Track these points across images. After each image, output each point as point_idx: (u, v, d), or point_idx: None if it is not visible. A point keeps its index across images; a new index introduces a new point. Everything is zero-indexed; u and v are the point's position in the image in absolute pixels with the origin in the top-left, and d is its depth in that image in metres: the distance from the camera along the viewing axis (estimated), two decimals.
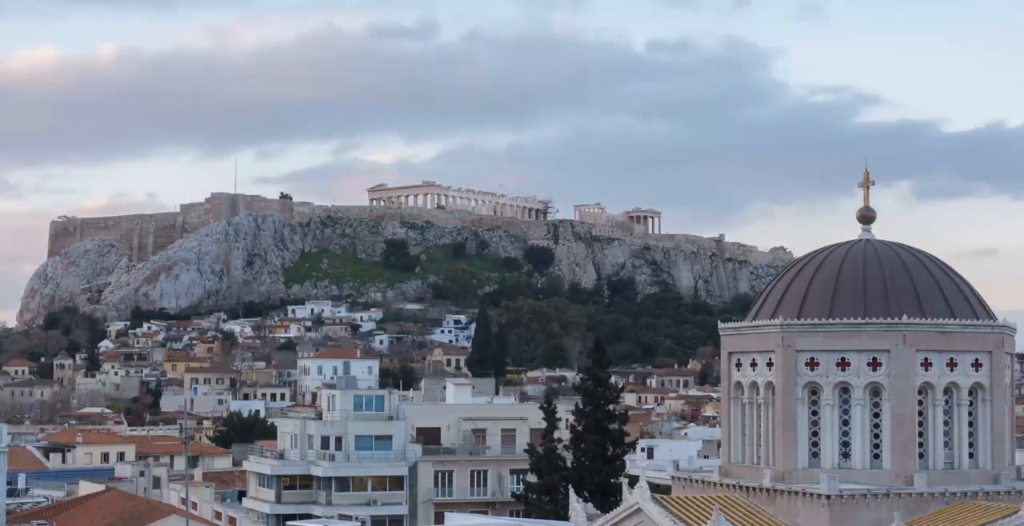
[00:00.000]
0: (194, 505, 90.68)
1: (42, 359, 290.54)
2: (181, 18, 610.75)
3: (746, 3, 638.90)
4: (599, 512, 50.79)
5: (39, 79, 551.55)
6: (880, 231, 52.59)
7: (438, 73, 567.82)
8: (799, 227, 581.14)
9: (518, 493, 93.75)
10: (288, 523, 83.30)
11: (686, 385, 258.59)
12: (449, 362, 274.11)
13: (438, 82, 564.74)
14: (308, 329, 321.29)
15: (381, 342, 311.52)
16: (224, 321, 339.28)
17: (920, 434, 48.62)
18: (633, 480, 49.03)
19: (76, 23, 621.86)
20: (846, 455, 48.63)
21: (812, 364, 48.98)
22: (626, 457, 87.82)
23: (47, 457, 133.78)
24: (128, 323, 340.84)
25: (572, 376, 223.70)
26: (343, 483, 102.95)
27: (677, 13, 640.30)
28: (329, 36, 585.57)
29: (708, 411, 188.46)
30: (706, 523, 44.14)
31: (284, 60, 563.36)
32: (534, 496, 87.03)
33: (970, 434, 49.47)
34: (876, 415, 48.66)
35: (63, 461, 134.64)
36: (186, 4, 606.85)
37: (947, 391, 49.11)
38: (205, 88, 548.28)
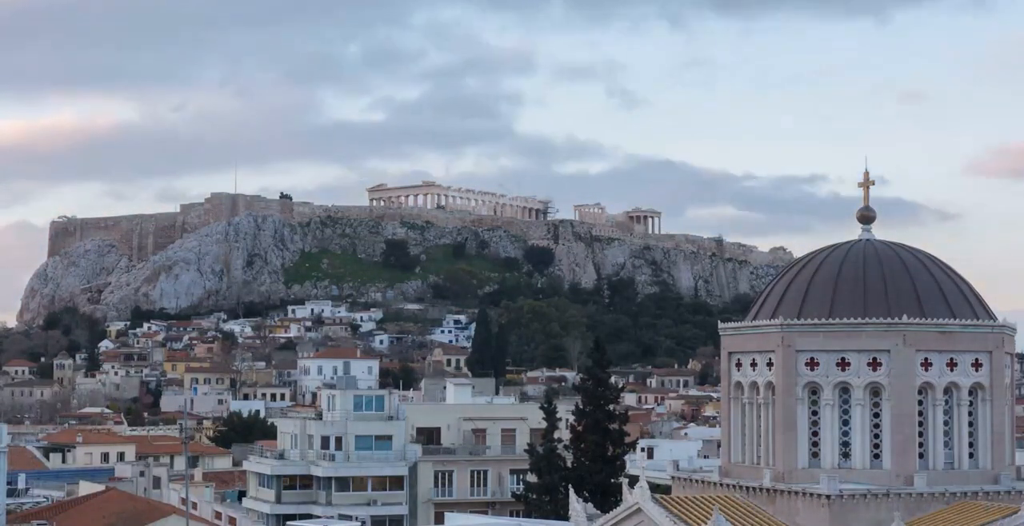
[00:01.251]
0: (194, 505, 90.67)
1: (42, 359, 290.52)
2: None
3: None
4: (599, 512, 50.80)
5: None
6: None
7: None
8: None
9: (518, 493, 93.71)
10: (288, 523, 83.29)
11: (686, 385, 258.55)
12: (449, 362, 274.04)
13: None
14: (308, 329, 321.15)
15: (381, 342, 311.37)
16: (224, 321, 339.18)
17: (920, 434, 48.65)
18: (633, 480, 49.04)
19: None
20: (846, 455, 48.63)
21: (812, 364, 49.00)
22: (626, 457, 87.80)
23: (47, 457, 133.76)
24: (128, 323, 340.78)
25: (572, 376, 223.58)
26: (343, 483, 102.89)
27: None
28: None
29: (708, 411, 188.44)
30: (706, 523, 44.14)
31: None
32: (534, 496, 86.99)
33: (970, 434, 49.49)
34: (876, 415, 48.67)
35: (63, 461, 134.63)
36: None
37: (947, 391, 49.12)
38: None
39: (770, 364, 49.80)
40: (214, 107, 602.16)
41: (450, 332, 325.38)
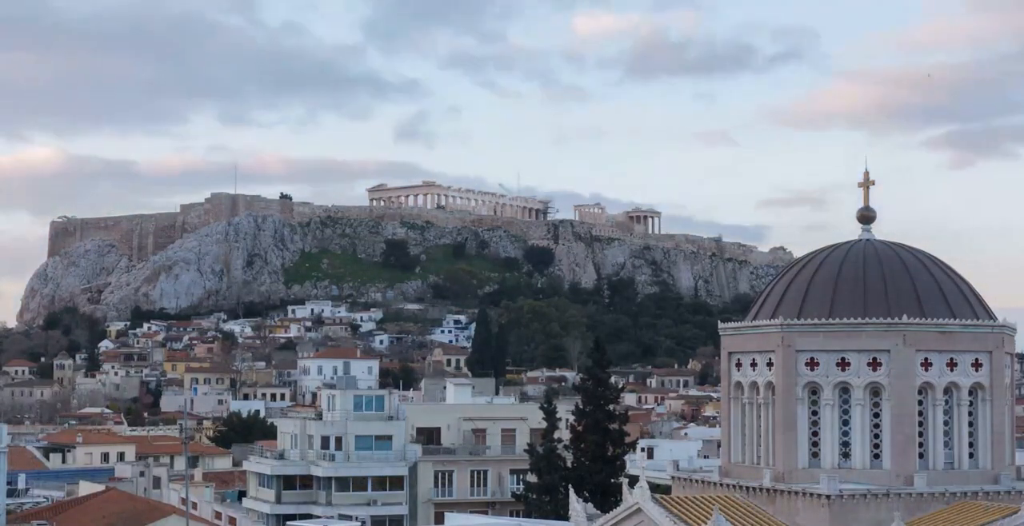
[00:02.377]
0: (194, 505, 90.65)
1: (42, 359, 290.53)
2: None
3: None
4: (599, 512, 50.79)
5: None
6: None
7: None
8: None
9: (518, 493, 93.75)
10: (288, 523, 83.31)
11: (686, 385, 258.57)
12: (449, 362, 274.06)
13: None
14: (308, 329, 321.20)
15: (381, 342, 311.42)
16: (224, 321, 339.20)
17: (920, 434, 48.63)
18: (633, 480, 49.02)
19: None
20: (846, 455, 48.63)
21: (812, 364, 48.98)
22: (626, 457, 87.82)
23: (47, 457, 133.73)
24: (128, 323, 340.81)
25: (572, 376, 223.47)
26: (343, 483, 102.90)
27: None
28: None
29: (708, 411, 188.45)
30: (706, 523, 44.12)
31: None
32: (534, 496, 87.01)
33: (970, 434, 49.48)
34: (876, 415, 48.66)
35: (63, 461, 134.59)
36: None
37: (947, 391, 49.11)
38: None
39: (770, 364, 49.79)
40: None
41: (450, 332, 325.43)
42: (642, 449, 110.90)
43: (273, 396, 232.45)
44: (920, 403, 48.71)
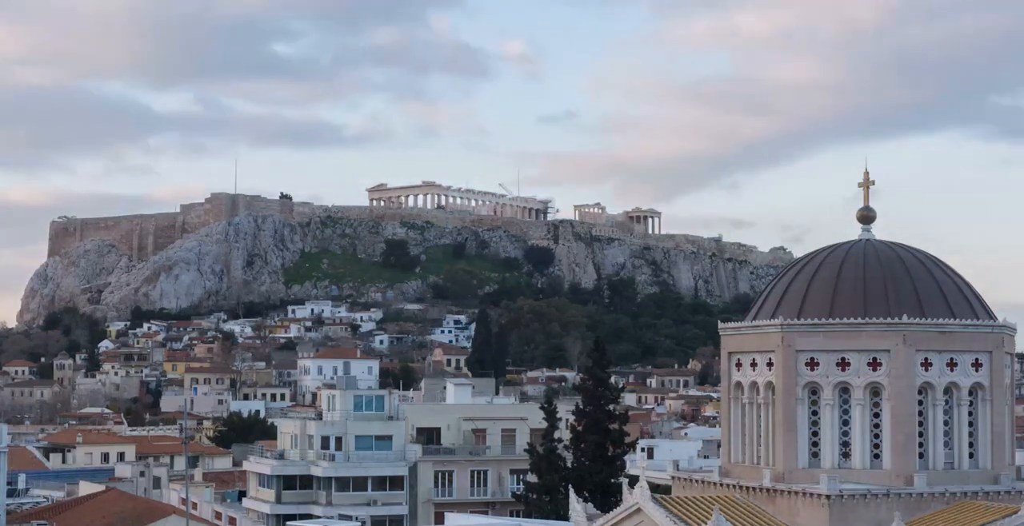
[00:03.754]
0: (194, 505, 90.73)
1: (42, 359, 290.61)
2: None
3: None
4: (599, 512, 50.80)
5: None
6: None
7: None
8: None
9: (518, 493, 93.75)
10: (288, 523, 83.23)
11: (686, 385, 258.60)
12: (449, 362, 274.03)
13: None
14: (308, 329, 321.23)
15: (381, 342, 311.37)
16: (224, 321, 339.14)
17: (920, 434, 48.62)
18: (633, 480, 49.02)
19: None
20: (846, 455, 48.62)
21: (812, 364, 48.97)
22: (626, 457, 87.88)
23: (47, 457, 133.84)
24: (128, 323, 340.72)
25: (572, 376, 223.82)
26: (343, 483, 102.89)
27: None
28: None
29: (708, 411, 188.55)
30: (706, 523, 44.12)
31: None
32: (534, 496, 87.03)
33: (970, 434, 49.46)
34: (876, 415, 48.64)
35: (63, 461, 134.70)
36: None
37: (947, 391, 49.09)
38: None
39: (770, 364, 49.77)
40: None
41: (450, 332, 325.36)
42: (642, 449, 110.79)
43: (273, 396, 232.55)
44: (920, 403, 48.70)
